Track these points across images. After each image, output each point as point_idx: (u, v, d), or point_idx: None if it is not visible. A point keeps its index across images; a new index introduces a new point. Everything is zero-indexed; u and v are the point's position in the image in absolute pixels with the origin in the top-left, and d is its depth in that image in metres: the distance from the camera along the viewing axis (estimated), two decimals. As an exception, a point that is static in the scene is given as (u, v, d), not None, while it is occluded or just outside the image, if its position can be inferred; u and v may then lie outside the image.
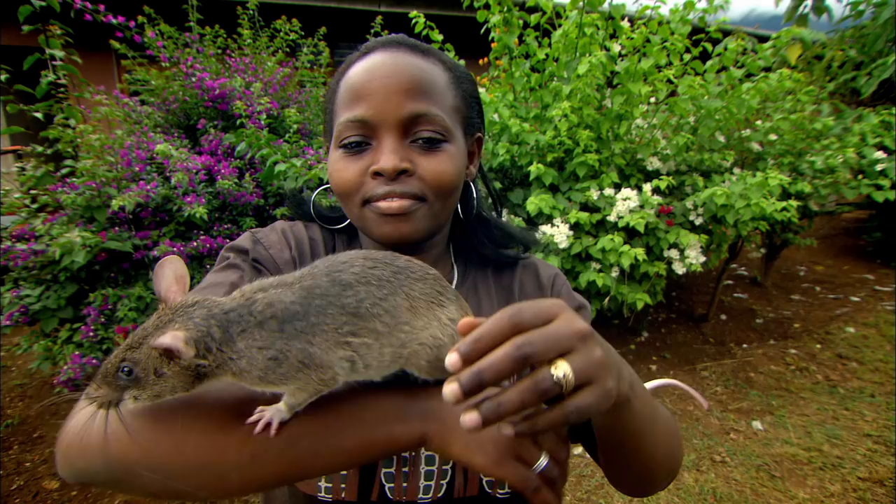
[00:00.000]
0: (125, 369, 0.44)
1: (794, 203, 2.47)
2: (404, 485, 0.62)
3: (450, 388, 0.37)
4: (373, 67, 0.63)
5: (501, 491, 0.65)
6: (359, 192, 0.64)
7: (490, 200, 0.87)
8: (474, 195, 0.77)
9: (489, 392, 0.38)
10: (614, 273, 2.58)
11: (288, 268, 0.67)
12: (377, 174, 0.62)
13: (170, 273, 0.49)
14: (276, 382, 0.47)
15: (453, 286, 0.70)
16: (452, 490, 0.63)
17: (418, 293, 0.51)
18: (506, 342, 0.38)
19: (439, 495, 0.63)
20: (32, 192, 2.35)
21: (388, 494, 0.62)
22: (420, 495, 0.63)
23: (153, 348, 0.43)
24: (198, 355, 0.44)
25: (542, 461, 0.51)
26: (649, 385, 0.73)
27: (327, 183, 0.72)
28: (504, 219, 0.86)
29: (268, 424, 0.48)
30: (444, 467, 0.63)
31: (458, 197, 0.71)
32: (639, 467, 0.60)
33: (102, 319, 2.15)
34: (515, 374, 0.39)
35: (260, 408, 0.49)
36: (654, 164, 2.85)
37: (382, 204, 0.63)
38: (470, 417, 0.38)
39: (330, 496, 0.62)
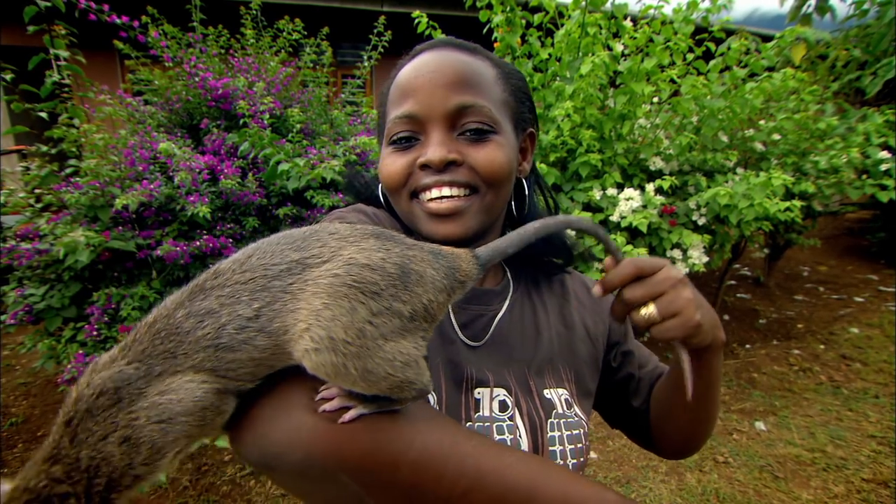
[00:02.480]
0: None
1: (797, 203, 2.46)
2: None
3: (597, 287, 0.59)
4: (420, 65, 0.64)
5: None
6: (406, 185, 0.64)
7: (545, 202, 0.84)
8: (526, 192, 0.75)
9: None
10: (617, 273, 2.57)
11: None
12: (425, 166, 0.62)
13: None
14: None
15: (508, 293, 0.73)
16: None
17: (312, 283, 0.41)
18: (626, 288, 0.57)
19: None
20: (37, 191, 2.36)
21: None
22: None
23: None
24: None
25: None
26: None
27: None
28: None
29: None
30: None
31: (510, 191, 0.69)
32: (704, 417, 0.70)
33: (106, 318, 2.15)
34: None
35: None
36: (656, 163, 2.85)
37: (432, 205, 0.62)
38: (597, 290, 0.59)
39: None
